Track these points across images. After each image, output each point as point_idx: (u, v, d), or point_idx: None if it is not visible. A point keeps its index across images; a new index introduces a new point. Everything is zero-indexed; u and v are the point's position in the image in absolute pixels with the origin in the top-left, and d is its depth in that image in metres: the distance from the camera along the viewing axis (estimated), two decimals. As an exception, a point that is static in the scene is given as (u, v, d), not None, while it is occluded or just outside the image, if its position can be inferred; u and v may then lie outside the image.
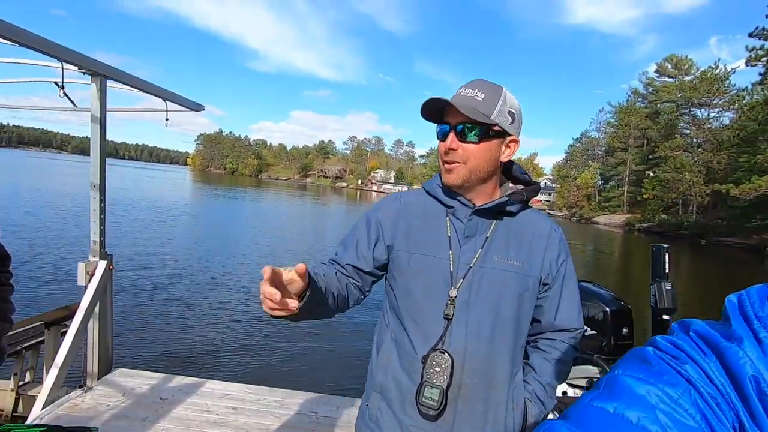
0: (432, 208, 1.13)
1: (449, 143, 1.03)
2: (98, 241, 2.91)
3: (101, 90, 2.84)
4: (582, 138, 68.52)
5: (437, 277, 1.05)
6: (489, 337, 1.03)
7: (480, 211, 1.07)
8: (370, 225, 1.15)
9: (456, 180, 1.05)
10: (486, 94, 1.02)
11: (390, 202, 1.18)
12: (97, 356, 2.95)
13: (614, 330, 3.74)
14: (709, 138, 43.51)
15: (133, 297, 6.81)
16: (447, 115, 1.04)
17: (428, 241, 1.08)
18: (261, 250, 12.51)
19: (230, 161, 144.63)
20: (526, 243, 1.09)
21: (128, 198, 23.93)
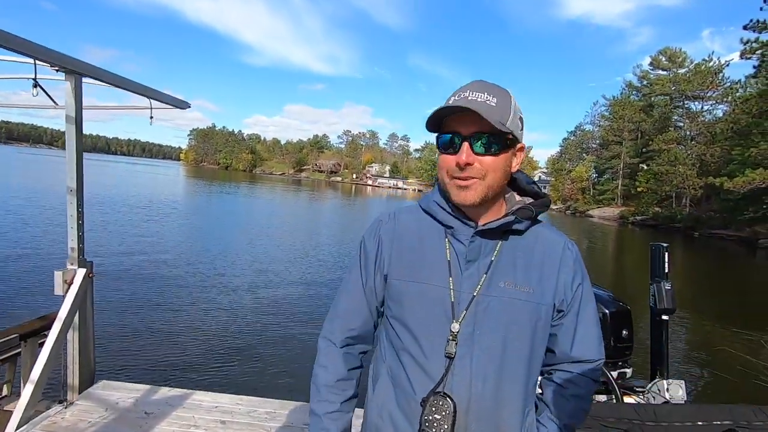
0: (429, 229, 0.99)
1: (465, 157, 0.88)
2: (76, 248, 2.75)
3: (76, 88, 2.68)
4: (576, 131, 68.57)
5: (436, 309, 0.92)
6: (497, 377, 0.91)
7: (483, 231, 0.94)
8: (368, 258, 1.03)
9: (475, 198, 0.90)
10: (498, 99, 0.89)
11: (382, 224, 1.05)
12: (78, 369, 2.81)
13: (614, 332, 3.66)
14: (703, 131, 43.64)
15: (118, 303, 6.59)
16: (453, 124, 0.90)
17: (425, 267, 0.95)
18: (254, 250, 12.24)
19: (224, 156, 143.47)
20: (536, 265, 0.96)
21: (118, 195, 23.53)
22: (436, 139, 0.94)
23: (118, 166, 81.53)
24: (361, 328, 1.03)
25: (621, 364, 3.69)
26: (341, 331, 1.03)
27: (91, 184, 29.98)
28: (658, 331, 3.89)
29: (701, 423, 3.08)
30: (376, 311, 1.04)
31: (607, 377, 3.49)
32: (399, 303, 0.96)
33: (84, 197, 2.84)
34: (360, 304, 1.03)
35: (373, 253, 1.02)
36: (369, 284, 1.02)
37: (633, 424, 3.01)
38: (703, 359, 6.32)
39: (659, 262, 3.93)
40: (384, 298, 1.01)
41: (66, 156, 2.73)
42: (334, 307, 1.06)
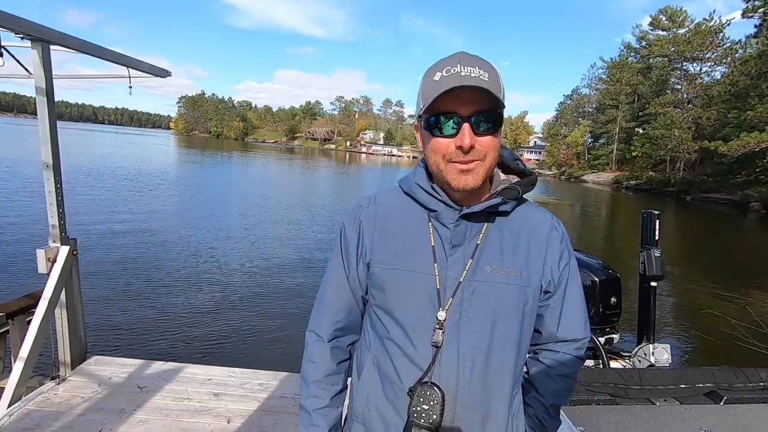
0: (411, 213, 0.95)
1: (469, 140, 0.82)
2: (57, 225, 2.69)
3: (44, 57, 2.52)
4: (573, 95, 67.62)
5: (421, 297, 0.89)
6: (484, 364, 0.88)
7: (469, 214, 0.90)
8: (348, 248, 0.98)
9: (477, 182, 0.86)
10: (489, 74, 0.82)
11: (361, 209, 0.99)
12: (69, 346, 2.81)
13: (602, 299, 3.71)
14: (700, 93, 43.11)
15: (108, 278, 6.52)
16: (447, 103, 0.82)
17: (408, 254, 0.91)
18: (246, 222, 12.06)
19: (214, 124, 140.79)
20: (522, 247, 0.93)
21: (106, 167, 22.97)
22: (425, 121, 0.87)
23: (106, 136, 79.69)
24: (348, 320, 1.00)
25: (608, 330, 3.76)
26: (328, 324, 0.99)
27: (78, 155, 28.86)
28: (646, 297, 3.95)
29: (684, 386, 3.18)
30: (362, 300, 1.00)
31: (595, 343, 3.57)
32: (382, 291, 0.92)
33: (62, 171, 2.75)
34: (345, 294, 0.99)
35: (354, 240, 0.97)
36: (352, 273, 0.98)
37: (618, 388, 3.10)
38: (689, 323, 6.48)
39: (650, 229, 3.95)
40: (367, 286, 0.98)
41: (39, 129, 2.61)
42: (319, 300, 1.02)
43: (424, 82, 0.87)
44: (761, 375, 3.24)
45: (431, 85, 0.83)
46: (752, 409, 2.84)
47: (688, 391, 3.12)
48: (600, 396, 2.97)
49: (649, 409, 2.85)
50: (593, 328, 3.66)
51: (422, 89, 0.87)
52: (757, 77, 26.62)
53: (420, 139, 0.93)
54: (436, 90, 0.81)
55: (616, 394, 3.01)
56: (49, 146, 2.61)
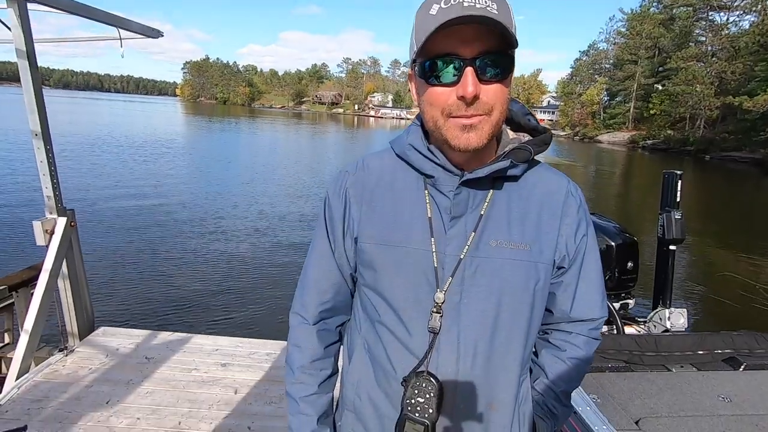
0: (405, 179, 0.81)
1: (473, 88, 0.66)
2: (52, 195, 2.60)
3: (21, 16, 2.35)
4: (589, 50, 64.60)
5: (417, 276, 0.77)
6: (488, 351, 0.77)
7: (471, 180, 0.75)
8: (333, 221, 0.86)
9: (482, 140, 0.71)
10: (498, 5, 0.66)
11: (347, 175, 0.86)
12: (75, 317, 2.80)
13: (619, 264, 3.57)
14: (726, 45, 40.80)
15: (114, 248, 6.51)
16: (445, 42, 0.66)
17: (401, 227, 0.78)
18: (253, 190, 11.84)
19: (220, 90, 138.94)
20: (533, 217, 0.79)
21: (111, 136, 22.76)
22: (419, 67, 0.71)
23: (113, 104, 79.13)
24: (336, 299, 0.89)
25: (624, 295, 3.65)
26: (313, 305, 0.89)
27: (84, 124, 28.78)
28: (664, 260, 3.81)
29: (702, 352, 3.08)
30: (351, 278, 0.89)
31: (609, 308, 3.47)
32: (372, 270, 0.81)
33: (64, 141, 2.64)
34: (331, 272, 0.87)
35: (340, 212, 0.84)
36: (338, 249, 0.86)
37: (633, 354, 3.01)
38: (707, 286, 6.33)
39: (671, 190, 3.75)
40: (356, 263, 0.86)
41: (24, 96, 2.47)
42: (303, 278, 0.91)
43: (418, 18, 0.70)
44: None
45: (426, 20, 0.66)
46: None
47: (706, 357, 3.03)
48: (614, 363, 2.90)
49: (664, 376, 2.78)
50: (608, 293, 3.55)
51: (415, 26, 0.70)
52: (790, 26, 24.92)
53: (414, 91, 0.77)
54: (431, 25, 0.65)
55: (631, 361, 2.93)
56: (36, 114, 2.48)
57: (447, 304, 0.76)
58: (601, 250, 3.16)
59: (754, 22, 38.03)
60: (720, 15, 44.13)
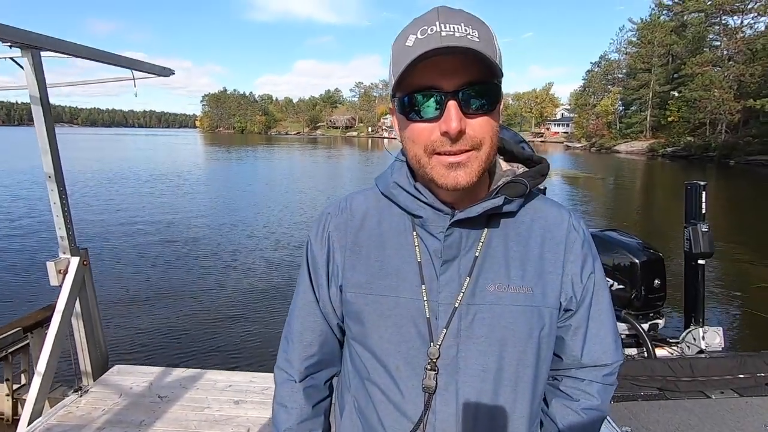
0: (391, 220, 0.75)
1: (457, 122, 0.61)
2: (66, 236, 2.64)
3: (35, 64, 2.43)
4: (601, 61, 64.30)
5: (407, 329, 0.70)
6: (491, 411, 0.69)
7: (463, 219, 0.69)
8: (317, 268, 0.80)
9: (471, 178, 0.65)
10: (480, 33, 0.61)
11: (330, 217, 0.80)
12: (89, 356, 2.79)
13: (644, 282, 3.40)
14: (742, 48, 40.02)
15: (128, 284, 6.52)
16: (425, 75, 0.62)
17: (389, 274, 0.72)
18: (269, 220, 11.72)
19: (238, 120, 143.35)
20: (533, 256, 0.72)
21: (130, 170, 23.28)
22: (398, 102, 0.66)
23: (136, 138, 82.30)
24: (323, 352, 0.83)
25: (652, 315, 3.47)
26: (299, 360, 0.82)
27: (106, 160, 29.55)
28: (694, 276, 3.63)
29: (743, 375, 2.87)
30: (339, 329, 0.82)
31: (638, 330, 3.29)
32: (359, 322, 0.74)
33: (83, 179, 2.69)
34: (316, 323, 0.81)
35: (323, 258, 0.79)
36: (323, 298, 0.80)
37: (667, 381, 2.82)
38: (741, 300, 5.98)
39: (695, 202, 3.60)
40: (343, 312, 0.80)
41: (38, 140, 2.54)
42: (287, 331, 0.85)
43: (394, 50, 0.65)
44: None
45: (403, 52, 0.62)
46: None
47: (748, 381, 2.81)
48: (647, 390, 2.72)
49: (703, 404, 2.58)
50: (634, 314, 3.37)
51: (392, 59, 0.65)
52: (808, 25, 24.32)
53: (396, 125, 0.72)
54: (408, 58, 0.60)
55: (665, 388, 2.74)
56: (50, 156, 2.55)
57: (442, 360, 0.69)
58: (625, 267, 2.98)
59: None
60: (733, 19, 43.53)
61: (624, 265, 3.41)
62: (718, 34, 44.84)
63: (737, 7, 41.88)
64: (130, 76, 3.34)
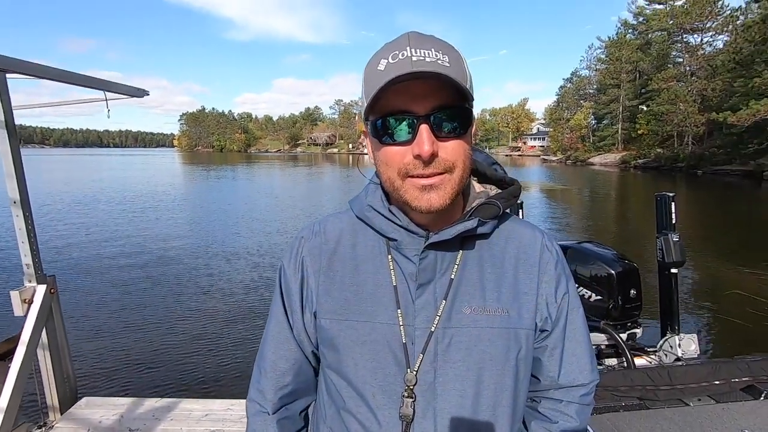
0: (366, 243, 0.75)
1: (430, 146, 0.62)
2: (31, 263, 2.53)
3: (0, 86, 2.37)
4: (572, 78, 66.76)
5: (384, 355, 0.69)
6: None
7: (438, 242, 0.69)
8: (290, 294, 0.79)
9: (444, 202, 0.66)
10: (450, 57, 0.63)
11: (303, 242, 0.79)
12: (56, 389, 2.66)
13: (621, 292, 3.47)
14: (703, 65, 42.15)
15: (99, 310, 6.21)
16: (396, 99, 0.63)
17: (364, 299, 0.72)
18: (247, 242, 11.26)
19: (217, 138, 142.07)
20: (508, 277, 0.73)
21: (103, 191, 22.09)
22: (371, 126, 0.66)
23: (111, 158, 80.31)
24: (297, 381, 0.80)
25: (630, 324, 3.52)
26: (272, 391, 0.79)
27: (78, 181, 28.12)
28: (667, 285, 3.72)
29: (719, 382, 2.92)
30: (314, 356, 0.81)
31: (617, 340, 3.33)
32: (334, 350, 0.73)
33: (58, 200, 2.59)
34: (290, 351, 0.79)
35: (297, 284, 0.77)
36: (297, 325, 0.78)
37: (647, 390, 2.86)
38: (713, 307, 6.15)
39: (665, 213, 3.72)
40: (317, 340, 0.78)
41: (3, 164, 2.45)
42: (259, 360, 0.82)
43: (366, 74, 0.66)
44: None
45: (375, 76, 0.63)
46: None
47: (724, 387, 2.87)
48: (627, 401, 2.74)
49: (682, 412, 2.61)
50: (612, 324, 3.43)
51: (364, 83, 0.66)
52: (762, 42, 25.85)
53: (369, 148, 0.73)
54: (380, 82, 0.61)
55: (645, 397, 2.77)
56: (15, 180, 2.46)
57: (419, 386, 0.68)
58: (602, 278, 3.04)
59: (727, 41, 39.56)
60: (694, 37, 45.93)
61: (601, 276, 3.47)
62: (681, 52, 47.13)
63: (696, 26, 44.21)
64: (103, 97, 3.29)
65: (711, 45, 44.87)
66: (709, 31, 44.54)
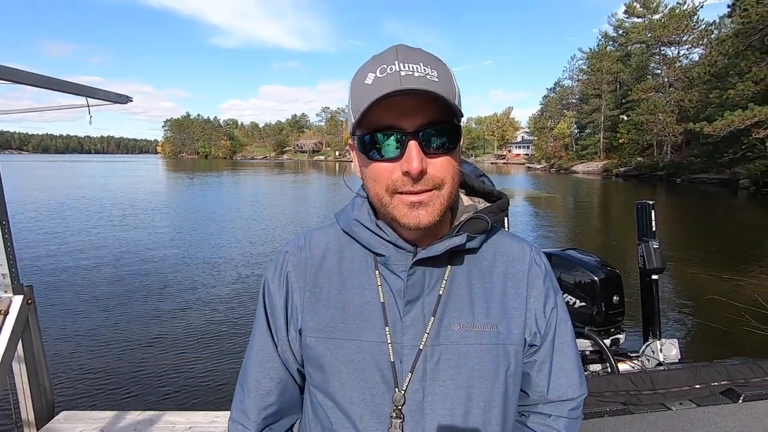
0: (353, 259, 0.74)
1: (418, 163, 0.61)
2: (8, 273, 2.46)
3: (-22, 92, 2.31)
4: (556, 87, 68.15)
5: (371, 375, 0.68)
6: None
7: (425, 258, 0.69)
8: (274, 311, 0.77)
9: (432, 219, 0.65)
10: (439, 72, 0.62)
11: (288, 256, 0.78)
12: (31, 403, 2.57)
13: (604, 298, 3.53)
14: (680, 76, 43.51)
15: (78, 321, 6.02)
16: (384, 115, 0.62)
17: (351, 315, 0.70)
18: (231, 251, 10.99)
19: (202, 145, 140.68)
20: (497, 292, 0.72)
21: (83, 198, 21.43)
22: (359, 141, 0.66)
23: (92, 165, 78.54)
24: (282, 400, 0.78)
25: (613, 330, 3.58)
26: (255, 411, 0.77)
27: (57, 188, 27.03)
28: (649, 291, 3.80)
29: (699, 386, 2.99)
30: (299, 374, 0.79)
31: (601, 346, 3.38)
32: (320, 369, 0.71)
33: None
34: (275, 370, 0.77)
35: (281, 300, 0.76)
36: (282, 343, 0.76)
37: (630, 395, 2.90)
38: (692, 312, 6.30)
39: (646, 220, 3.81)
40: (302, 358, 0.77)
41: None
42: (242, 378, 0.80)
43: (353, 87, 0.65)
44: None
45: (362, 90, 0.62)
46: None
47: (704, 391, 2.94)
48: (612, 406, 2.77)
49: (665, 416, 2.66)
50: (596, 330, 3.48)
51: (351, 97, 0.65)
52: (735, 56, 26.77)
53: (356, 162, 0.72)
54: (368, 97, 0.61)
55: (629, 402, 2.82)
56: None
57: (408, 406, 0.67)
58: (585, 284, 3.09)
59: (702, 54, 40.99)
60: (671, 49, 47.48)
61: (585, 283, 3.53)
62: (659, 63, 48.67)
63: (674, 39, 45.74)
64: (85, 103, 3.24)
65: (687, 57, 46.64)
66: (686, 44, 46.21)
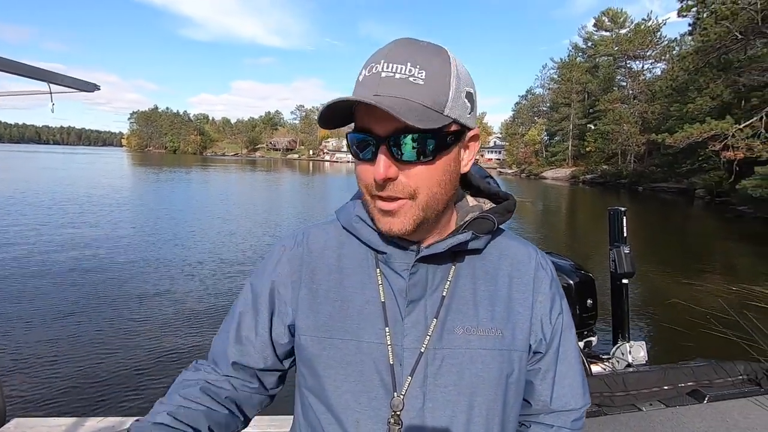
0: (352, 256, 0.70)
1: (383, 170, 0.58)
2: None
3: (-75, 70, 2.11)
4: (528, 95, 69.96)
5: (370, 378, 0.64)
6: None
7: (429, 256, 0.65)
8: (258, 295, 0.72)
9: (405, 227, 0.61)
10: (429, 72, 0.57)
11: (285, 250, 0.73)
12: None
13: (579, 302, 3.60)
14: (644, 89, 45.65)
15: (30, 321, 5.65)
16: (363, 116, 0.59)
17: (350, 315, 0.67)
18: (198, 248, 10.55)
19: (170, 139, 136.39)
20: (502, 295, 0.70)
21: (36, 193, 19.82)
22: (348, 137, 0.63)
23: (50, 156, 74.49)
24: (255, 364, 0.74)
25: (586, 333, 3.66)
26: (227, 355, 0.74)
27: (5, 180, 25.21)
28: (619, 295, 3.92)
29: (667, 387, 3.11)
30: (241, 372, 0.74)
31: (575, 349, 3.46)
32: (314, 370, 0.67)
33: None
34: (248, 339, 0.74)
35: (267, 290, 0.73)
36: (262, 335, 0.73)
37: (604, 397, 2.97)
38: (657, 315, 6.57)
39: (618, 226, 3.94)
40: (296, 357, 0.73)
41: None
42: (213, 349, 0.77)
43: (357, 79, 0.63)
44: (738, 368, 3.24)
45: (355, 86, 0.61)
46: (734, 406, 2.81)
47: (672, 392, 3.05)
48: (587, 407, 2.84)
49: (636, 417, 2.74)
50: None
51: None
52: (695, 72, 28.19)
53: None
54: (354, 95, 0.59)
55: (603, 404, 2.88)
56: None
57: (407, 412, 0.63)
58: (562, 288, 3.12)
59: (665, 69, 43.11)
60: (636, 63, 49.84)
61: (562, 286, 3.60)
62: (624, 76, 50.92)
63: (638, 54, 48.01)
64: (47, 90, 3.03)
65: (651, 72, 49.13)
66: (650, 59, 48.62)
